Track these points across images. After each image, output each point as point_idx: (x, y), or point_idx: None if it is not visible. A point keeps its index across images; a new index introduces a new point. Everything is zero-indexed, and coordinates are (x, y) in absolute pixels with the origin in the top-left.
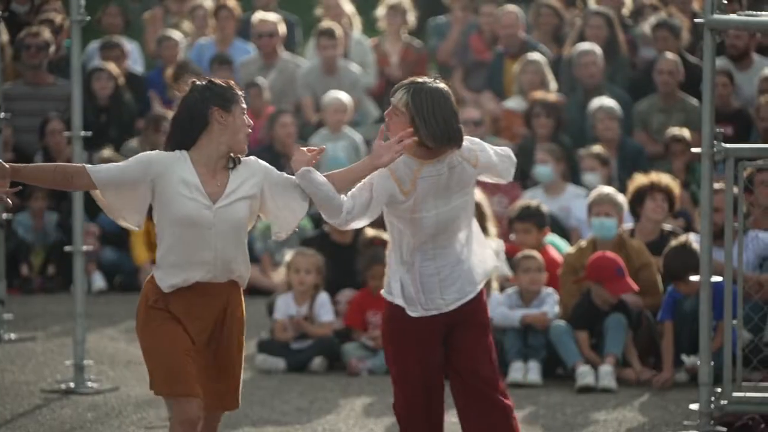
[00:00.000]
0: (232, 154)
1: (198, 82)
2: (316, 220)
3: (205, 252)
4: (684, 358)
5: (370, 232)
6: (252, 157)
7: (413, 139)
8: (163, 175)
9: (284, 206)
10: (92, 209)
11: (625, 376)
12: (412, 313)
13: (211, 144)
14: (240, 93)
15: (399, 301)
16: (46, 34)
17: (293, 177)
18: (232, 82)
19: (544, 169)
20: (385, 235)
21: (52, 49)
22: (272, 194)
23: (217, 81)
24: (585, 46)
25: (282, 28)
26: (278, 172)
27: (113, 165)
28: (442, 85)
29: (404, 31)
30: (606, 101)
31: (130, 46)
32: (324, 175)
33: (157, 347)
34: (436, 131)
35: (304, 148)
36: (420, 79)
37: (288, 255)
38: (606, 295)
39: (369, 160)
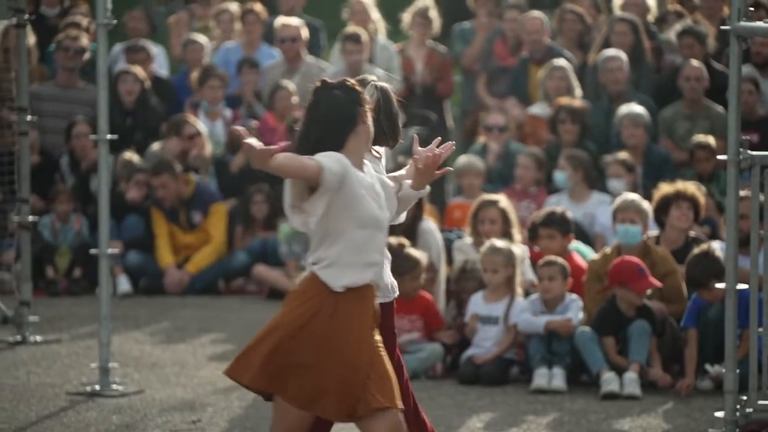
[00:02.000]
0: None
1: (335, 81)
2: None
3: (376, 254)
4: (708, 367)
5: (393, 240)
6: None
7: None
8: (349, 175)
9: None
10: (117, 213)
11: (648, 375)
12: None
13: (360, 145)
14: None
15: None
16: (84, 39)
17: None
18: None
19: (560, 176)
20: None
21: (87, 55)
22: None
23: (350, 81)
24: (611, 51)
25: (305, 33)
26: None
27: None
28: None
29: (429, 36)
30: (634, 108)
31: (155, 49)
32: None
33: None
34: (395, 131)
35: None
36: (373, 77)
37: None
38: (631, 296)
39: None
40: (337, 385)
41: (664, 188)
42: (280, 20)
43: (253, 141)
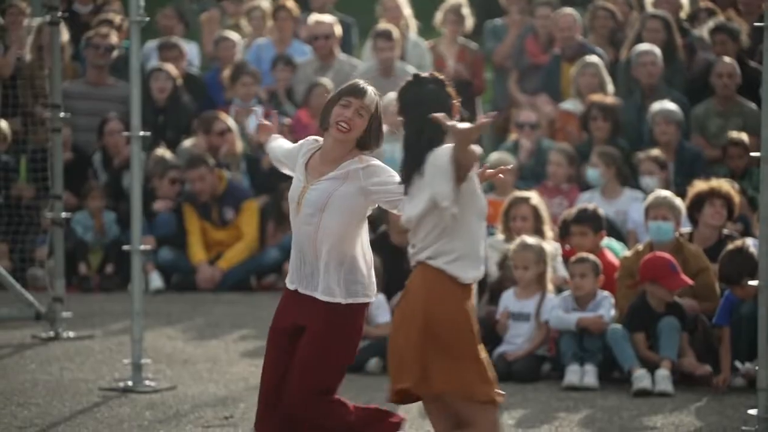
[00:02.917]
0: None
1: (427, 76)
2: (371, 222)
3: (483, 246)
4: (738, 364)
5: None
6: None
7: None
8: None
9: None
10: (149, 209)
11: (683, 367)
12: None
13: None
14: None
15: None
16: (114, 37)
17: None
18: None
19: (592, 173)
20: None
21: (116, 53)
22: None
23: (436, 74)
24: (644, 46)
25: (338, 30)
26: None
27: None
28: None
29: (461, 33)
30: (667, 105)
31: (188, 47)
32: None
33: (481, 354)
34: (379, 138)
35: None
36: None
37: None
38: (662, 292)
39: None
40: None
41: (698, 186)
42: (314, 17)
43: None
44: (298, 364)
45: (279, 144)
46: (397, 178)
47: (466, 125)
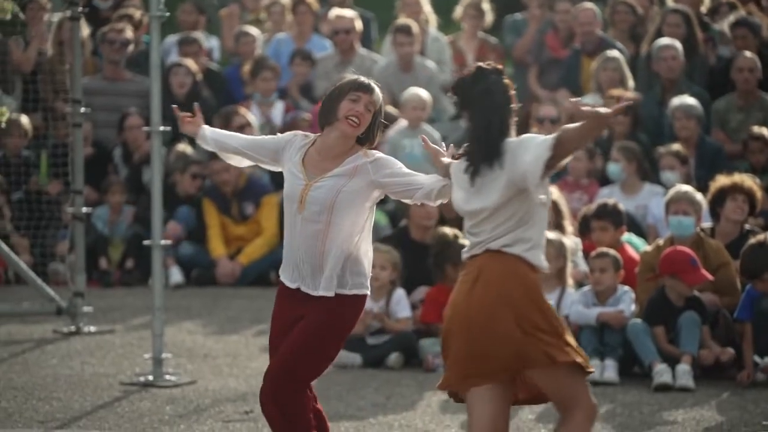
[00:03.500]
0: None
1: (488, 67)
2: (392, 216)
3: None
4: (757, 359)
5: (448, 230)
6: None
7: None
8: None
9: None
10: (170, 204)
11: (704, 359)
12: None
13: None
14: None
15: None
16: (129, 32)
17: None
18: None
19: (614, 168)
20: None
21: (131, 47)
22: None
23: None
24: (665, 40)
25: (359, 25)
26: None
27: None
28: None
29: (481, 28)
30: (687, 99)
31: (210, 42)
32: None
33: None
34: (377, 134)
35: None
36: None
37: None
38: (682, 287)
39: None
40: None
41: (721, 180)
42: (335, 12)
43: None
44: (290, 346)
45: (226, 133)
46: (405, 168)
47: (604, 109)
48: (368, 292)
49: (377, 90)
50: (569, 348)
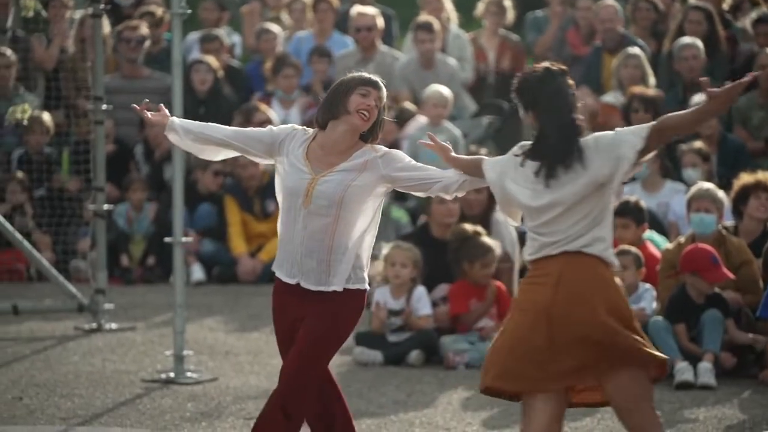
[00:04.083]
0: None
1: (554, 68)
2: (413, 214)
3: None
4: None
5: (469, 227)
6: None
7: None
8: None
9: None
10: (191, 201)
11: (725, 361)
12: None
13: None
14: None
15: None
16: (144, 28)
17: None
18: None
19: None
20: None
21: (148, 43)
22: None
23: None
24: (686, 39)
25: (380, 22)
26: None
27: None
28: None
29: (502, 25)
30: None
31: (232, 38)
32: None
33: None
34: (380, 132)
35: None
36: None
37: (385, 248)
38: (702, 285)
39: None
40: None
41: (744, 178)
42: (356, 9)
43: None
44: (303, 340)
45: (203, 124)
46: (415, 162)
47: (728, 86)
48: (367, 287)
49: (383, 86)
50: (654, 351)
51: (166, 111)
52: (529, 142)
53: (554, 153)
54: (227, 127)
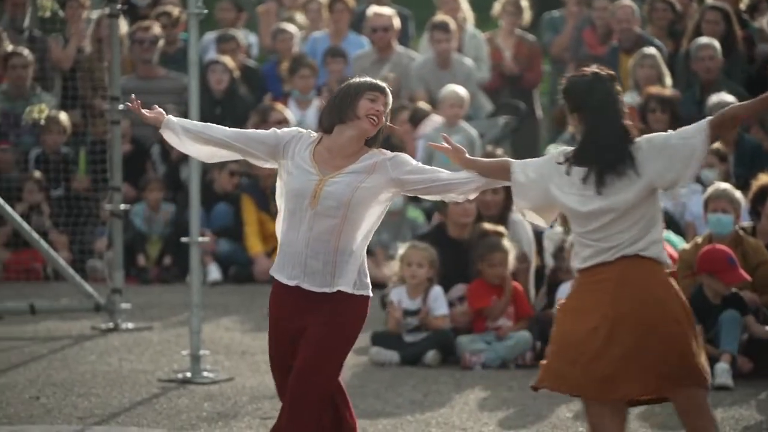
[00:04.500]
0: None
1: (603, 73)
2: (429, 214)
3: None
4: None
5: (489, 226)
6: None
7: None
8: None
9: None
10: (207, 201)
11: (743, 365)
12: None
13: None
14: None
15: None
16: (157, 28)
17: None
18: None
19: None
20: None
21: (161, 43)
22: None
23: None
24: (703, 40)
25: (397, 22)
26: None
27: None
28: None
29: (518, 25)
30: (725, 97)
31: (249, 38)
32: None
33: None
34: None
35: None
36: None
37: (401, 248)
38: (719, 285)
39: None
40: None
41: (763, 178)
42: (373, 9)
43: None
44: (308, 348)
45: (202, 123)
46: (422, 164)
47: None
48: (367, 293)
49: (389, 92)
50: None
51: (162, 110)
52: (572, 148)
53: (603, 159)
54: (229, 128)
